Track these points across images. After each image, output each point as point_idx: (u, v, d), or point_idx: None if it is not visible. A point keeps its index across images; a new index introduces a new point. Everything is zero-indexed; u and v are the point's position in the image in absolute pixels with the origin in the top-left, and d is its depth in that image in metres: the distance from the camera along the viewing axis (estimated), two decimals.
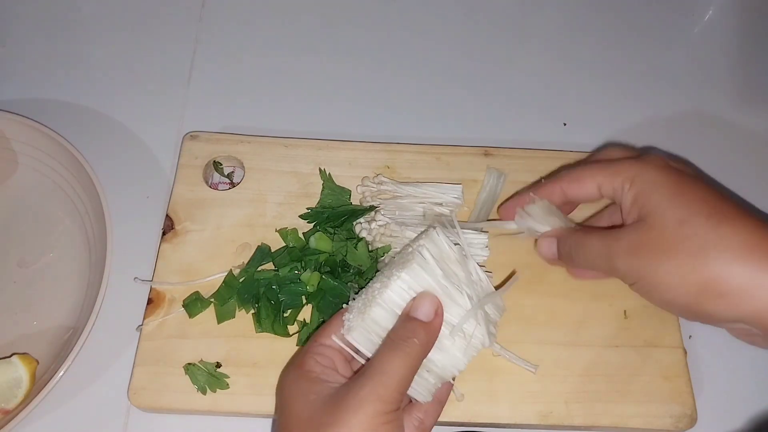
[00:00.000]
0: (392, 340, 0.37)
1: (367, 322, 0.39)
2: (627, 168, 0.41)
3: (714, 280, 0.34)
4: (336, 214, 0.51)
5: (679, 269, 0.35)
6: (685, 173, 0.40)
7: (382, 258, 0.48)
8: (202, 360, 0.46)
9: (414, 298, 0.39)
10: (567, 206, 0.47)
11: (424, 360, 0.38)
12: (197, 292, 0.48)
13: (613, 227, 0.42)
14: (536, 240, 0.47)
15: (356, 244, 0.48)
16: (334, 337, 0.39)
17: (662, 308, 0.39)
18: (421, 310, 0.38)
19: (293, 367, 0.39)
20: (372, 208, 0.51)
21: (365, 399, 0.34)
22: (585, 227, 0.45)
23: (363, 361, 0.39)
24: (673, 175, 0.39)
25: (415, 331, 0.37)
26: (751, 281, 0.33)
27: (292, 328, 0.47)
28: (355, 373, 0.40)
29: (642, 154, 0.42)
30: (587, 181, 0.42)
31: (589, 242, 0.41)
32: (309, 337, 0.47)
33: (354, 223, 0.51)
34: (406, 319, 0.38)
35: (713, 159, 0.61)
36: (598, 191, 0.42)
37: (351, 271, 0.48)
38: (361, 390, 0.35)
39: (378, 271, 0.46)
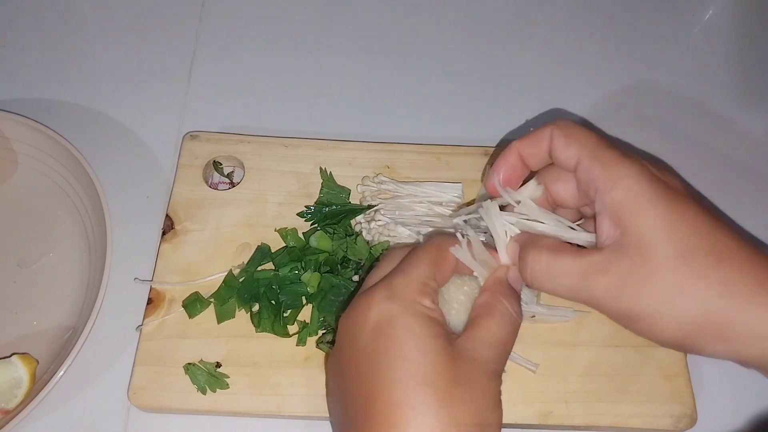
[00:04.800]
0: (505, 313, 0.36)
1: None
2: (615, 163, 0.34)
3: (720, 324, 0.32)
4: (334, 212, 0.51)
5: (680, 312, 0.32)
6: (676, 191, 0.34)
7: (381, 254, 0.48)
8: (202, 360, 0.46)
9: (508, 267, 0.37)
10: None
11: None
12: (197, 292, 0.48)
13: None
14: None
15: (355, 239, 0.48)
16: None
17: (648, 340, 0.35)
18: (518, 284, 0.37)
19: (408, 299, 0.34)
20: (370, 207, 0.51)
21: (496, 371, 0.34)
22: (549, 242, 0.36)
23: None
24: (665, 194, 0.33)
25: (517, 301, 0.37)
26: (759, 326, 0.31)
27: (292, 328, 0.47)
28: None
29: (624, 152, 0.36)
30: (570, 149, 0.36)
31: (561, 265, 0.34)
32: (320, 334, 0.47)
33: (354, 223, 0.51)
34: (509, 288, 0.37)
35: (713, 159, 0.61)
36: (573, 167, 0.36)
37: (350, 266, 0.48)
38: (489, 360, 0.34)
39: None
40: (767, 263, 0.32)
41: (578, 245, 0.37)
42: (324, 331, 0.47)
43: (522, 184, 0.40)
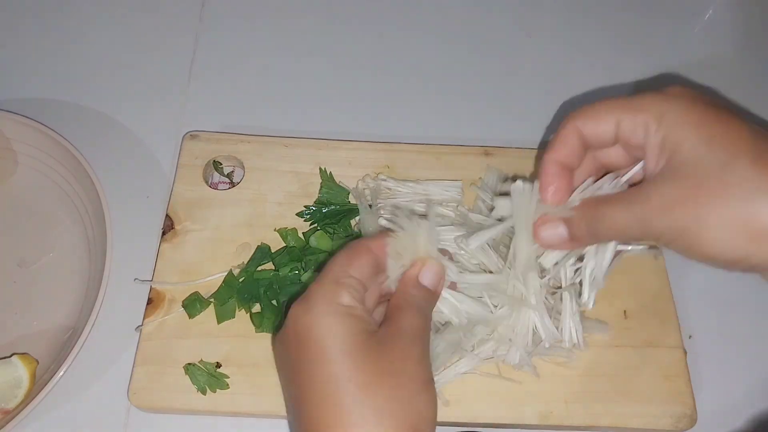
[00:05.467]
0: (419, 306, 0.37)
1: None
2: (652, 103, 0.35)
3: None
4: (334, 211, 0.51)
5: (729, 221, 0.31)
6: (718, 105, 0.35)
7: None
8: (202, 360, 0.46)
9: (421, 264, 0.39)
10: (580, 159, 0.39)
11: None
12: (197, 292, 0.48)
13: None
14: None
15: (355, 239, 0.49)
16: (390, 275, 0.38)
17: (702, 262, 0.34)
18: (430, 280, 0.38)
19: (324, 302, 0.35)
20: (370, 206, 0.51)
21: (420, 356, 0.35)
22: (589, 199, 0.38)
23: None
24: (706, 111, 0.34)
25: (430, 300, 0.38)
26: None
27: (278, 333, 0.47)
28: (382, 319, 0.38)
29: (665, 87, 0.36)
30: (605, 117, 0.36)
31: (611, 212, 0.35)
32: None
33: (353, 223, 0.51)
34: (416, 285, 0.38)
35: None
36: (616, 130, 0.36)
37: None
38: (411, 347, 0.35)
39: None
40: None
41: None
42: None
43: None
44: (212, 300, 0.48)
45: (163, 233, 0.51)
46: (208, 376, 0.45)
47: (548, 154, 0.39)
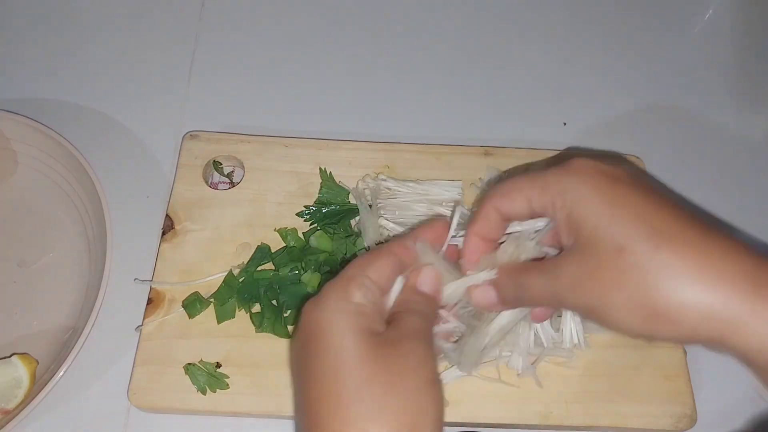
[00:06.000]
0: (420, 310, 0.38)
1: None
2: (555, 180, 0.37)
3: (665, 308, 0.32)
4: (334, 212, 0.51)
5: (626, 302, 0.33)
6: (620, 179, 0.36)
7: None
8: (202, 360, 0.46)
9: (417, 273, 0.39)
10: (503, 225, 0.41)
11: None
12: (197, 292, 0.48)
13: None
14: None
15: (355, 240, 0.49)
16: (400, 278, 0.38)
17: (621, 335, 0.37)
18: (427, 287, 0.39)
19: (334, 298, 0.36)
20: (370, 206, 0.51)
21: (425, 356, 0.35)
22: (517, 266, 0.39)
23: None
24: (607, 186, 0.35)
25: (430, 304, 0.39)
26: (706, 305, 0.31)
27: (292, 329, 0.47)
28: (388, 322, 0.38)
29: (569, 161, 0.38)
30: (517, 196, 0.38)
31: (530, 283, 0.37)
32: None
33: (353, 223, 0.51)
34: (416, 291, 0.39)
35: (712, 160, 0.61)
36: (530, 207, 0.38)
37: None
38: (415, 346, 0.35)
39: None
40: (713, 240, 0.33)
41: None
42: None
43: None
44: (212, 300, 0.48)
45: (163, 233, 0.51)
46: (208, 376, 0.45)
47: (470, 227, 0.40)
